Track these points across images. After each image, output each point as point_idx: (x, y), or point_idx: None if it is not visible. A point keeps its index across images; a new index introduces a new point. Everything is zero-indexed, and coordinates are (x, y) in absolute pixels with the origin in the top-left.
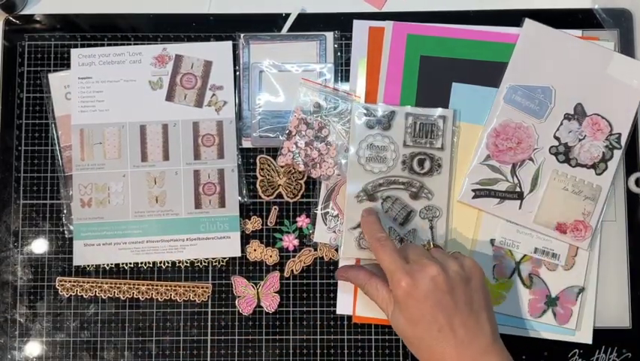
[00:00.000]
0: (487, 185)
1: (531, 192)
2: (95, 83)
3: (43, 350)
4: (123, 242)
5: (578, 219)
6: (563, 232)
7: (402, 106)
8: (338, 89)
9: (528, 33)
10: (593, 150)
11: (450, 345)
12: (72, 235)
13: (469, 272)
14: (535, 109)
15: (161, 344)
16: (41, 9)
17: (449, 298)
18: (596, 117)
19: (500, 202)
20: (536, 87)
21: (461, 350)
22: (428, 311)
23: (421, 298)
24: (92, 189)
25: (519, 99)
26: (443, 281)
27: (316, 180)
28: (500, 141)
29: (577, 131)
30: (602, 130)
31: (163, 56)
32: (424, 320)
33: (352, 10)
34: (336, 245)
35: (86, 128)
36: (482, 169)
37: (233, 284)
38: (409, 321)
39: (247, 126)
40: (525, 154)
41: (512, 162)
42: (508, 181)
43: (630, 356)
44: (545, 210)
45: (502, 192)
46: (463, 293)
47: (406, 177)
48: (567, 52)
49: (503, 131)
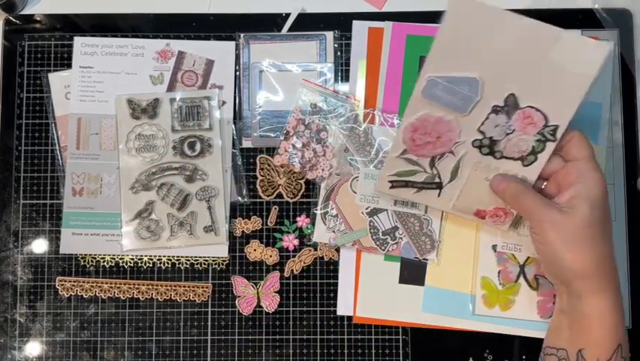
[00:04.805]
0: (405, 176)
1: (451, 181)
2: (96, 73)
3: (43, 350)
4: (111, 234)
5: (498, 206)
6: (482, 218)
7: (166, 92)
8: (338, 92)
9: (454, 12)
10: (521, 143)
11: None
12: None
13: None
14: (458, 104)
15: (161, 344)
16: (41, 9)
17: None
18: (529, 110)
19: (418, 191)
20: (461, 79)
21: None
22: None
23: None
24: (85, 179)
25: (439, 93)
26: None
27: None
28: (418, 136)
29: (504, 126)
30: (535, 123)
31: (166, 51)
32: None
33: (352, 10)
34: (336, 245)
35: (83, 118)
36: (398, 162)
37: (233, 284)
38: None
39: (247, 126)
40: (445, 148)
41: (431, 155)
42: (427, 172)
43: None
44: (465, 199)
45: (420, 182)
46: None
47: (179, 161)
48: (503, 34)
49: (421, 126)
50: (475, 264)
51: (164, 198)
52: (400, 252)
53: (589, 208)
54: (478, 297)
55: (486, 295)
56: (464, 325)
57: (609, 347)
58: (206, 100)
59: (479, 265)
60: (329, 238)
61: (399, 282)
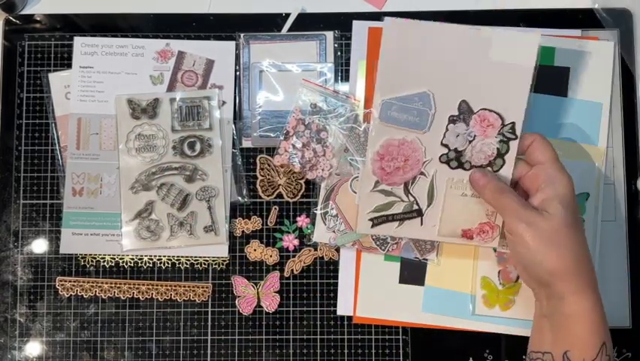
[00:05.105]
0: (383, 210)
1: (429, 206)
2: (96, 73)
3: (43, 350)
4: (111, 234)
5: (482, 221)
6: (470, 238)
7: (166, 92)
8: (338, 92)
9: (390, 35)
10: (485, 148)
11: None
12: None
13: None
14: (416, 121)
15: (161, 344)
16: (41, 9)
17: None
18: (483, 113)
19: (401, 224)
20: (412, 96)
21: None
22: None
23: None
24: (85, 179)
25: (396, 114)
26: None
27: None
28: (386, 163)
29: (465, 134)
30: (493, 125)
31: (166, 51)
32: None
33: (352, 10)
34: (336, 245)
35: (83, 118)
36: (374, 196)
37: (233, 284)
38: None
39: (247, 126)
40: (415, 170)
41: (403, 181)
42: (404, 201)
43: (630, 356)
44: (448, 221)
45: (399, 213)
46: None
47: (179, 161)
48: (440, 46)
49: (387, 153)
50: (475, 264)
51: (164, 198)
52: (400, 252)
53: (562, 209)
54: (478, 297)
55: (486, 295)
56: (464, 325)
57: (594, 347)
58: (206, 100)
59: (479, 265)
60: (329, 238)
61: (399, 282)
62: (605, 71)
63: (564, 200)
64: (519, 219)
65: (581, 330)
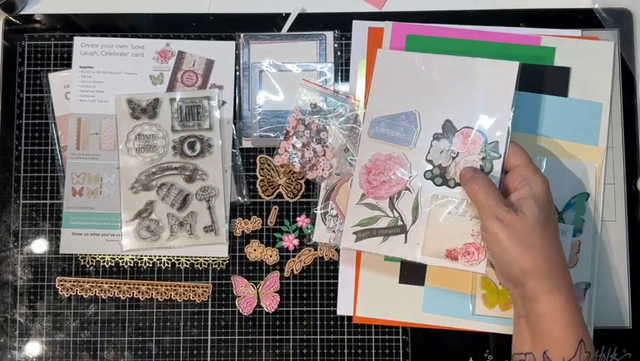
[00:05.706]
0: (368, 225)
1: (414, 222)
2: (96, 73)
3: (43, 350)
4: (111, 234)
5: (467, 242)
6: (455, 259)
7: (166, 92)
8: (338, 92)
9: (381, 63)
10: (469, 165)
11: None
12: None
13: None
14: (402, 137)
15: (161, 344)
16: (41, 9)
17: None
18: (466, 130)
19: (385, 240)
20: (399, 115)
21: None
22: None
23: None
24: (85, 179)
25: (383, 130)
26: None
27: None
28: (373, 177)
29: (448, 150)
30: (475, 142)
31: (166, 51)
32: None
33: (352, 10)
34: (336, 245)
35: (83, 118)
36: (359, 209)
37: (233, 284)
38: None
39: (247, 126)
40: (401, 185)
41: (389, 195)
42: (389, 216)
43: (630, 356)
44: (432, 239)
45: (384, 228)
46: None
47: (179, 161)
48: (428, 72)
49: (374, 167)
50: None
51: (164, 198)
52: None
53: (537, 208)
54: (478, 297)
55: (486, 295)
56: (464, 325)
57: (571, 345)
58: (206, 100)
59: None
60: (329, 238)
61: (399, 282)
62: (605, 71)
63: (538, 199)
64: (494, 216)
65: (556, 329)
